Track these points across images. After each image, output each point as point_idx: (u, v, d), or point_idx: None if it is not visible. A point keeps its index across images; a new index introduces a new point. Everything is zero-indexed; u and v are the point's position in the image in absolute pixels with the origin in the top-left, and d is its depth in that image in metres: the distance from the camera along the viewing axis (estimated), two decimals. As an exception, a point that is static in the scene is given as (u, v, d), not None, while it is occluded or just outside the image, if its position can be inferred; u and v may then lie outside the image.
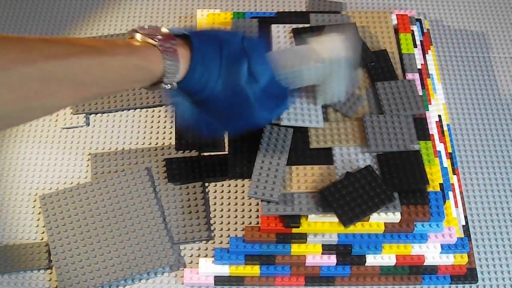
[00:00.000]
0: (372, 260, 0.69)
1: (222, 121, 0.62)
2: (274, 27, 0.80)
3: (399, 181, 0.68)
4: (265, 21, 0.81)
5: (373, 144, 0.69)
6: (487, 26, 0.95)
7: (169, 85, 0.56)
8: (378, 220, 0.67)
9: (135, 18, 0.94)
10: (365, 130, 0.71)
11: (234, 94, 0.59)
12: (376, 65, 0.76)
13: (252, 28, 0.80)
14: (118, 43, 0.53)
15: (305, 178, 0.68)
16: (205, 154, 0.79)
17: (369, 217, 0.67)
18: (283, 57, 0.64)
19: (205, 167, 0.77)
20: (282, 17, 0.82)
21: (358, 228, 0.67)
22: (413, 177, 0.68)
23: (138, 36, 0.55)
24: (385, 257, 0.69)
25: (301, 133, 0.71)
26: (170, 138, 0.82)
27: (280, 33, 0.79)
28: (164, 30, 0.56)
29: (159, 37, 0.55)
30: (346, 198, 0.66)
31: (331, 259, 0.69)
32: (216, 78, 0.58)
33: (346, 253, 0.69)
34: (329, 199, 0.66)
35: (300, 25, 0.79)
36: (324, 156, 0.70)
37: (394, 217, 0.67)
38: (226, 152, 0.77)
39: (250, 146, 0.70)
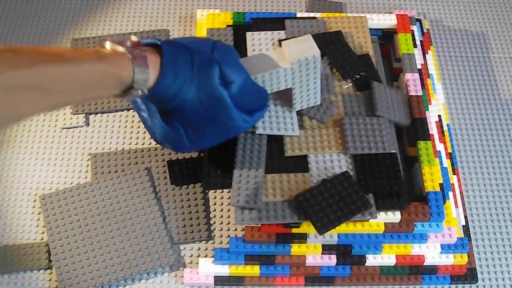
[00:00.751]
0: (372, 260, 0.69)
1: (198, 130, 0.60)
2: (249, 35, 0.79)
3: (374, 183, 0.67)
4: (240, 29, 0.80)
5: (352, 147, 0.69)
6: (487, 26, 0.95)
7: (139, 91, 0.55)
8: (378, 220, 0.67)
9: (135, 18, 0.94)
10: (344, 132, 0.70)
11: (209, 98, 0.58)
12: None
13: (227, 36, 0.80)
14: (86, 51, 0.53)
15: (280, 186, 0.68)
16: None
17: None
18: (254, 61, 0.63)
19: None
20: (257, 24, 0.81)
21: (358, 228, 0.67)
22: (388, 179, 0.67)
23: (107, 44, 0.55)
24: (385, 257, 0.69)
25: (276, 141, 0.70)
26: (170, 138, 0.82)
27: (255, 40, 0.78)
28: (134, 38, 0.56)
29: (128, 44, 0.55)
30: (322, 204, 0.65)
31: (331, 259, 0.69)
32: (189, 84, 0.57)
33: (346, 253, 0.69)
34: (304, 205, 0.65)
35: (276, 32, 0.79)
36: (300, 164, 0.69)
37: (394, 217, 0.67)
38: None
39: (224, 156, 0.70)
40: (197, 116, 0.59)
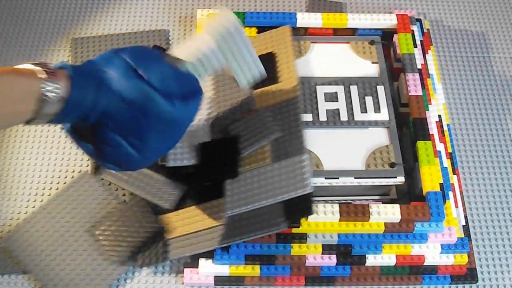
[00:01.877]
0: (372, 260, 0.69)
1: (138, 135, 0.57)
2: None
3: (286, 207, 0.67)
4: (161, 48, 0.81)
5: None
6: (487, 26, 0.95)
7: (55, 104, 0.53)
8: (378, 220, 0.67)
9: (135, 18, 0.94)
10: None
11: (130, 94, 0.56)
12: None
13: None
14: None
15: (209, 213, 0.70)
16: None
17: (370, 217, 0.67)
18: (178, 52, 0.62)
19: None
20: None
21: (358, 228, 0.67)
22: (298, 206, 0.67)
23: (18, 65, 0.54)
24: (385, 257, 0.69)
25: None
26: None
27: None
28: (41, 61, 0.55)
29: (37, 62, 0.54)
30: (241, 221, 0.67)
31: (331, 259, 0.69)
32: (105, 88, 0.55)
33: (346, 253, 0.69)
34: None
35: None
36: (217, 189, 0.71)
37: (394, 217, 0.67)
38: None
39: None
40: (128, 117, 0.56)
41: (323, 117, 0.74)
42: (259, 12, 0.84)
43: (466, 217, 0.75)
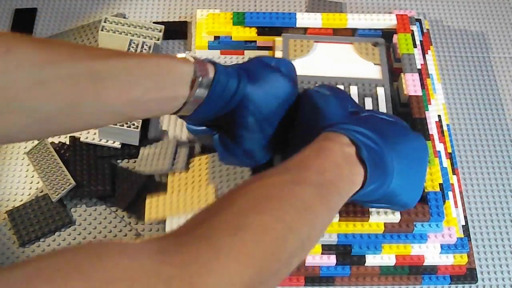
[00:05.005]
0: (372, 260, 0.69)
1: (267, 123, 0.62)
2: None
3: None
4: None
5: None
6: (487, 26, 0.95)
7: (203, 90, 0.57)
8: (378, 220, 0.67)
9: (135, 19, 0.94)
10: None
11: (267, 83, 0.62)
12: None
13: None
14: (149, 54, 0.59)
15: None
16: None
17: (369, 217, 0.67)
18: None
19: None
20: None
21: (358, 228, 0.67)
22: None
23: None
24: (384, 257, 0.69)
25: None
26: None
27: None
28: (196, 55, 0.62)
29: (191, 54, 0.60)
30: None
31: (331, 259, 0.69)
32: (245, 80, 0.61)
33: (346, 253, 0.69)
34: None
35: None
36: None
37: (394, 217, 0.67)
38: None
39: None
40: (264, 100, 0.61)
41: (322, 117, 0.74)
42: (259, 12, 0.84)
43: (465, 217, 0.75)
